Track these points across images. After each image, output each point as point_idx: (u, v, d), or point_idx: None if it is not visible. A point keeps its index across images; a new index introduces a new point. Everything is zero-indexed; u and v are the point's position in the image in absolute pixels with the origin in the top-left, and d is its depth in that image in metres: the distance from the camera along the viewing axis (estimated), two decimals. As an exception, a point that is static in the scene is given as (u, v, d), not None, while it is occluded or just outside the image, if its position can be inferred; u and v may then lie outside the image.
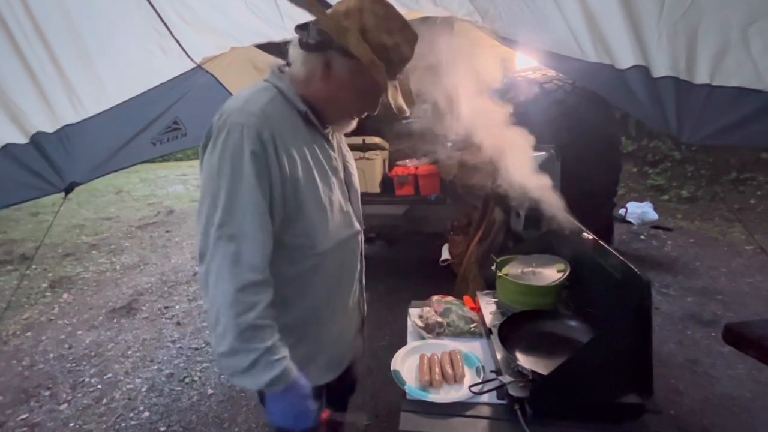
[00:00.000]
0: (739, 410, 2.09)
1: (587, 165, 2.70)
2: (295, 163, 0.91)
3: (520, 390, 1.02)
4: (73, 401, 2.40)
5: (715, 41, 0.97)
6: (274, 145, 0.87)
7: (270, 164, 0.87)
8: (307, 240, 0.96)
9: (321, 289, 1.03)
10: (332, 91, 0.96)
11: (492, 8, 1.51)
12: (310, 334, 1.05)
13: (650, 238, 4.57)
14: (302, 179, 0.92)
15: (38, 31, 1.49)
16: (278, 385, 0.87)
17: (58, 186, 1.71)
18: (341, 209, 1.04)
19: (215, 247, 0.84)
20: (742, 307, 3.06)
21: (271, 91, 0.95)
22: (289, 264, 0.96)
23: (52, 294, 3.85)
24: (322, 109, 1.00)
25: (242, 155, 0.84)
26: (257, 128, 0.85)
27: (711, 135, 1.13)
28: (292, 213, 0.92)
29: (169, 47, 1.83)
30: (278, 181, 0.88)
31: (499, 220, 2.17)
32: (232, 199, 0.84)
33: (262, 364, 0.84)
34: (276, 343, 0.87)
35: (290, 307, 0.99)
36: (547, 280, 1.39)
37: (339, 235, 1.03)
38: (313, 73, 0.95)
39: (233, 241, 0.84)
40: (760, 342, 1.33)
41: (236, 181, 0.84)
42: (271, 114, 0.89)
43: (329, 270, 1.03)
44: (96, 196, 7.62)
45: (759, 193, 5.39)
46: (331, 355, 1.13)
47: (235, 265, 0.83)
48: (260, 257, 0.86)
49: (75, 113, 1.70)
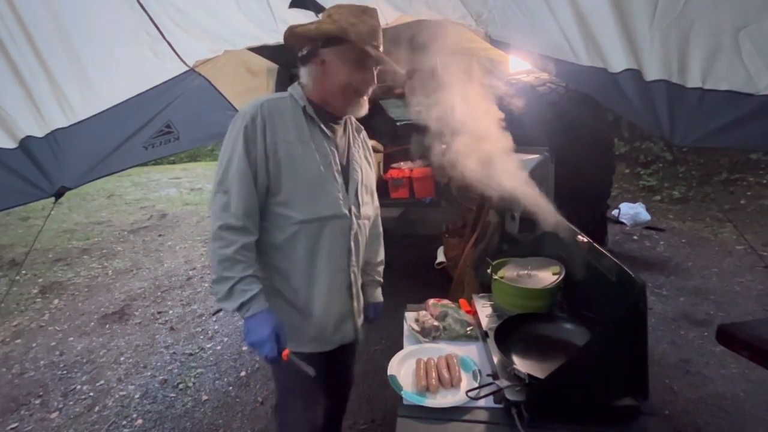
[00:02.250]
0: (732, 410, 2.11)
1: (581, 167, 2.71)
2: (281, 144, 1.15)
3: (517, 394, 1.01)
4: (64, 409, 2.36)
5: (707, 45, 0.98)
6: (263, 127, 1.13)
7: (256, 141, 1.12)
8: (288, 209, 1.17)
9: (303, 257, 1.21)
10: (334, 79, 1.18)
11: (485, 12, 1.51)
12: (296, 300, 1.24)
13: (643, 238, 4.61)
14: (286, 156, 1.15)
15: (27, 35, 1.47)
16: (248, 309, 1.10)
17: (47, 191, 1.69)
18: (327, 192, 1.21)
19: (215, 198, 1.14)
20: (733, 306, 3.10)
21: (284, 94, 1.22)
22: (277, 230, 1.19)
23: (42, 300, 3.79)
24: (331, 102, 1.22)
25: (239, 134, 1.12)
26: (252, 113, 1.13)
27: (703, 138, 1.14)
28: (275, 183, 1.16)
29: (162, 50, 1.81)
30: (262, 155, 1.13)
31: (494, 222, 2.18)
32: (228, 165, 1.12)
33: (237, 291, 1.10)
34: (250, 277, 1.11)
35: (280, 272, 1.22)
36: (543, 283, 1.39)
37: (319, 212, 1.20)
38: (315, 76, 1.20)
39: (225, 193, 1.12)
40: (753, 342, 1.33)
41: (232, 151, 1.12)
42: (270, 107, 1.16)
43: (309, 240, 1.21)
44: (87, 200, 7.54)
45: (749, 193, 5.47)
46: (318, 327, 1.27)
47: (223, 210, 1.12)
48: (241, 209, 1.12)
49: (65, 117, 1.68)
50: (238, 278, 1.10)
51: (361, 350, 2.72)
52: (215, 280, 1.12)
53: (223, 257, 1.10)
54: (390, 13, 1.80)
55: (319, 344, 1.29)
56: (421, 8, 1.68)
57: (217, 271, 1.11)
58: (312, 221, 1.19)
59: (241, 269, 1.11)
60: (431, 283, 2.86)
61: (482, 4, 1.51)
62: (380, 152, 3.44)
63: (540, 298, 1.38)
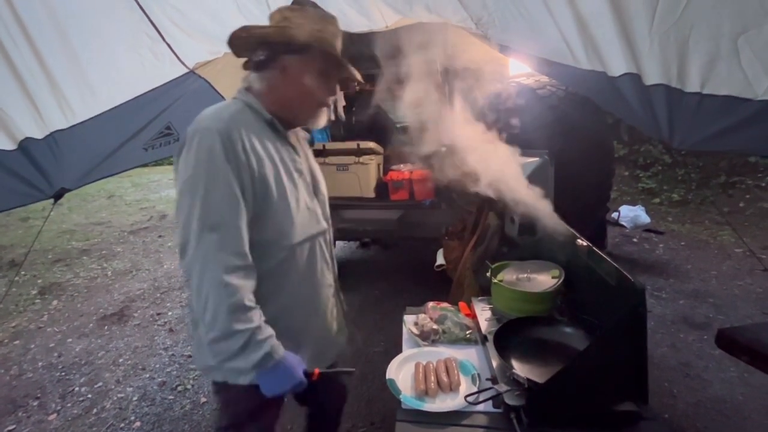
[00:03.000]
0: (731, 413, 2.11)
1: (581, 170, 2.72)
2: (262, 162, 1.00)
3: (517, 398, 1.01)
4: (62, 411, 2.35)
5: (706, 50, 0.99)
6: (242, 145, 0.97)
7: (240, 161, 0.95)
8: (277, 235, 1.04)
9: (295, 282, 1.09)
10: (296, 90, 1.07)
11: (485, 15, 1.52)
12: (288, 330, 1.08)
13: (642, 241, 4.61)
14: (269, 177, 1.01)
15: (27, 37, 1.47)
16: (269, 362, 0.95)
17: (47, 192, 1.69)
18: (307, 207, 1.12)
19: (199, 238, 0.91)
20: (732, 309, 3.09)
21: (239, 103, 1.05)
22: (262, 260, 1.02)
23: (41, 301, 3.78)
24: (291, 113, 1.11)
25: (215, 153, 0.93)
26: (226, 129, 0.95)
27: (701, 142, 1.15)
28: (261, 209, 1.00)
29: (161, 52, 1.81)
30: (248, 177, 0.97)
31: (494, 225, 2.18)
32: (210, 193, 0.92)
33: (253, 344, 0.93)
34: (262, 323, 0.96)
35: (268, 303, 1.04)
36: (542, 286, 1.39)
37: (307, 231, 1.10)
38: (274, 84, 1.07)
39: (214, 231, 0.91)
40: (752, 346, 1.33)
41: (213, 176, 0.93)
42: (239, 119, 1.00)
43: (301, 264, 1.10)
44: (87, 201, 7.53)
45: (748, 196, 5.47)
46: (313, 352, 1.15)
47: (220, 252, 0.91)
48: (241, 244, 0.95)
49: (64, 119, 1.68)
50: (253, 328, 0.93)
51: (360, 352, 2.73)
52: (219, 338, 0.92)
53: (234, 307, 0.90)
54: (390, 16, 1.81)
55: (319, 362, 1.16)
56: (422, 11, 1.68)
57: (224, 326, 0.90)
58: (301, 243, 1.08)
59: (255, 316, 0.94)
60: (430, 286, 2.86)
61: (482, 8, 1.51)
62: (380, 154, 3.44)
63: (539, 301, 1.38)
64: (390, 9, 1.74)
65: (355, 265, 4.29)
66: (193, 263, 0.91)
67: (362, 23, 1.83)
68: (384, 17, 1.81)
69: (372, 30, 1.89)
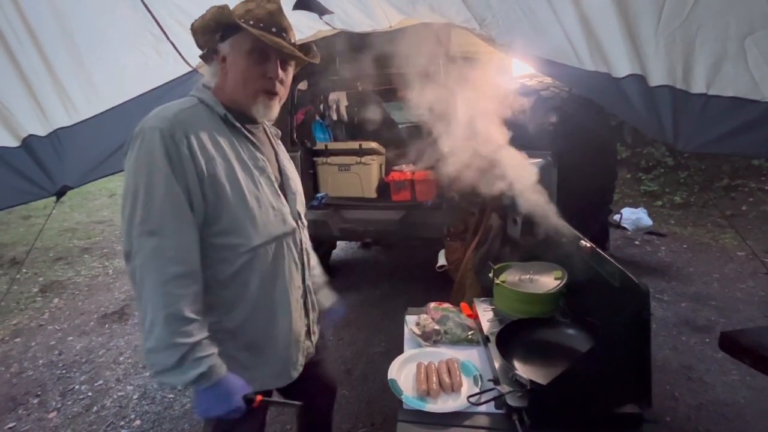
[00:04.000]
0: (733, 417, 2.10)
1: (584, 172, 2.71)
2: (213, 161, 0.94)
3: (519, 400, 1.01)
4: (62, 409, 2.35)
5: (712, 51, 0.98)
6: (187, 144, 0.91)
7: (184, 162, 0.90)
8: (235, 237, 0.98)
9: (259, 286, 1.03)
10: (233, 75, 1.02)
11: (489, 16, 1.51)
12: (256, 338, 1.05)
13: (644, 243, 4.60)
14: (222, 176, 0.95)
15: (31, 34, 1.47)
16: (205, 381, 0.89)
17: (49, 190, 1.69)
18: (271, 206, 1.05)
19: (138, 245, 0.87)
20: (735, 312, 3.08)
21: (191, 100, 1.00)
22: (222, 264, 0.97)
23: (42, 299, 3.79)
24: (237, 103, 1.04)
25: (155, 154, 0.88)
26: (169, 129, 0.90)
27: (706, 144, 1.14)
28: (214, 210, 0.95)
29: (165, 51, 1.81)
30: (195, 178, 0.91)
31: (496, 226, 2.17)
32: (150, 197, 0.87)
33: (189, 361, 0.87)
34: (203, 340, 0.90)
35: (232, 310, 0.99)
36: (545, 287, 1.38)
37: (271, 232, 1.03)
38: (219, 74, 1.03)
39: (154, 236, 0.86)
40: (755, 349, 1.33)
41: (152, 179, 0.88)
42: (184, 118, 0.94)
43: (264, 266, 1.03)
44: (89, 200, 7.54)
45: (750, 199, 5.45)
46: (283, 359, 1.10)
47: (158, 259, 0.86)
48: (183, 250, 0.89)
49: (68, 116, 1.68)
50: (192, 343, 0.86)
51: (360, 353, 2.73)
52: (154, 349, 0.85)
53: (172, 317, 0.85)
54: (393, 16, 1.80)
55: (285, 377, 1.12)
56: (425, 11, 1.68)
57: (160, 338, 0.84)
58: (264, 245, 1.01)
59: (196, 330, 0.88)
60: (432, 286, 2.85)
61: (486, 8, 1.51)
62: (382, 154, 3.43)
63: (542, 303, 1.37)
64: (393, 9, 1.73)
65: (357, 266, 4.29)
66: (134, 270, 0.87)
67: (365, 23, 1.82)
68: (387, 17, 1.81)
69: (375, 30, 1.89)
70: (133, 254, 0.88)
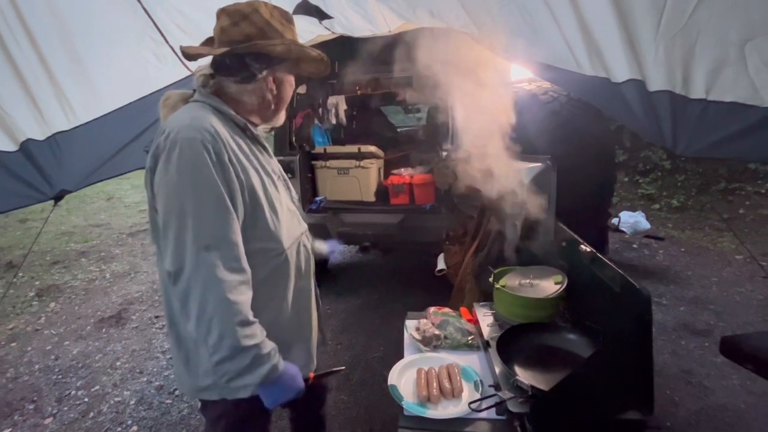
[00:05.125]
0: (733, 421, 2.09)
1: (582, 176, 2.71)
2: (247, 170, 0.97)
3: (520, 406, 1.00)
4: (58, 415, 2.33)
5: (713, 57, 0.99)
6: (227, 155, 0.92)
7: (227, 172, 0.91)
8: (268, 243, 1.01)
9: (286, 287, 1.07)
10: (271, 96, 1.05)
11: (489, 20, 1.52)
12: (285, 335, 1.07)
13: (642, 247, 4.60)
14: (256, 184, 0.98)
15: (30, 37, 1.47)
16: (274, 374, 0.94)
17: (47, 194, 1.68)
18: (289, 209, 1.10)
19: (196, 261, 0.86)
20: (733, 316, 3.08)
21: (208, 108, 0.98)
22: (256, 269, 0.98)
23: (39, 303, 3.76)
24: (262, 117, 1.09)
25: (202, 166, 0.87)
26: (210, 140, 0.90)
27: (705, 148, 1.14)
28: (251, 218, 0.97)
29: (164, 55, 1.81)
30: (236, 187, 0.93)
31: (495, 230, 2.17)
32: (201, 210, 0.87)
33: (260, 360, 0.91)
34: (265, 338, 0.95)
35: (262, 311, 1.00)
36: (545, 292, 1.38)
37: (293, 235, 1.09)
38: (245, 89, 1.02)
39: (212, 250, 0.87)
40: (757, 355, 1.32)
41: (201, 192, 0.87)
42: (218, 127, 0.94)
43: (292, 269, 1.08)
44: (86, 203, 7.51)
45: (748, 202, 5.47)
46: (307, 351, 1.17)
47: (221, 271, 0.87)
48: (240, 259, 0.92)
49: (66, 120, 1.68)
50: (258, 344, 0.91)
51: (359, 358, 2.71)
52: (227, 357, 0.88)
53: (240, 324, 0.88)
54: (393, 21, 1.81)
55: (310, 366, 1.19)
56: (425, 16, 1.68)
57: (233, 346, 0.87)
58: (291, 247, 1.06)
59: (258, 331, 0.92)
60: (431, 290, 2.85)
61: (485, 13, 1.51)
62: (380, 158, 3.44)
63: (542, 307, 1.37)
64: (393, 14, 1.74)
65: (355, 270, 4.28)
66: (192, 287, 0.86)
67: (366, 28, 1.83)
68: (387, 22, 1.82)
69: (375, 34, 1.89)
70: (187, 271, 0.86)
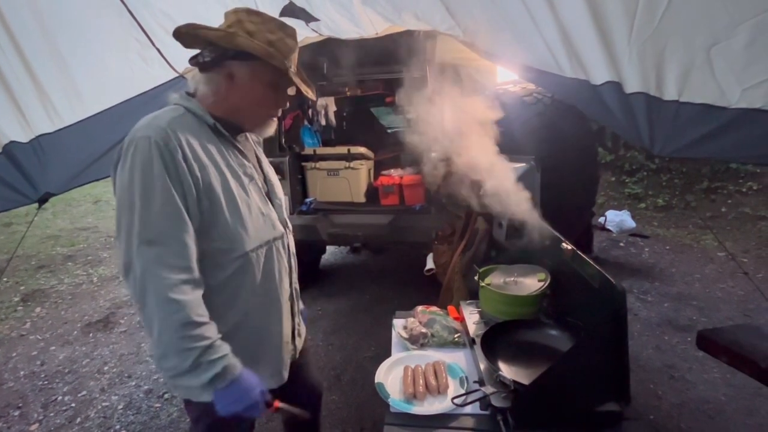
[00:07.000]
0: (714, 414, 2.15)
1: (566, 176, 2.77)
2: (206, 169, 0.96)
3: (503, 400, 1.03)
4: (44, 421, 2.30)
5: (681, 61, 1.03)
6: (182, 153, 0.92)
7: (179, 170, 0.91)
8: (228, 243, 0.99)
9: (251, 291, 1.05)
10: (243, 98, 1.03)
11: (472, 24, 1.55)
12: (248, 341, 1.06)
13: (628, 245, 4.69)
14: (215, 184, 0.97)
15: (13, 40, 1.46)
16: (222, 381, 0.91)
17: (31, 197, 1.67)
18: (260, 212, 1.07)
19: (138, 255, 0.87)
20: (715, 311, 3.16)
21: (179, 110, 1.00)
22: (215, 270, 0.99)
23: (24, 308, 3.70)
24: (236, 119, 1.07)
25: (152, 163, 0.88)
26: (164, 138, 0.90)
27: (681, 148, 1.19)
28: (209, 218, 0.96)
29: (151, 57, 1.81)
30: (190, 186, 0.92)
31: (482, 230, 2.20)
32: (147, 206, 0.88)
33: (204, 363, 0.89)
34: (215, 341, 0.91)
35: (224, 315, 1.00)
36: (529, 289, 1.41)
37: (262, 237, 1.06)
38: (218, 89, 1.02)
39: (153, 245, 0.87)
40: (730, 347, 1.38)
41: (149, 189, 0.88)
42: (177, 126, 0.94)
43: (256, 271, 1.05)
44: (72, 206, 7.39)
45: (729, 201, 5.61)
46: (276, 361, 1.14)
47: (160, 268, 0.87)
48: (184, 257, 0.90)
49: (50, 123, 1.67)
50: (204, 346, 0.88)
51: (350, 358, 2.73)
52: (164, 355, 0.88)
53: (182, 323, 0.86)
54: (379, 24, 1.83)
55: (278, 378, 1.15)
56: (410, 19, 1.71)
57: (172, 344, 0.87)
58: (256, 249, 1.04)
59: (206, 332, 0.90)
60: (421, 290, 2.87)
61: (470, 17, 1.54)
62: (370, 159, 3.45)
63: (526, 304, 1.40)
64: (379, 16, 1.76)
65: (346, 270, 4.29)
66: (136, 282, 0.87)
67: (352, 30, 1.85)
68: (373, 24, 1.84)
69: (362, 37, 1.91)
70: (133, 265, 0.88)
